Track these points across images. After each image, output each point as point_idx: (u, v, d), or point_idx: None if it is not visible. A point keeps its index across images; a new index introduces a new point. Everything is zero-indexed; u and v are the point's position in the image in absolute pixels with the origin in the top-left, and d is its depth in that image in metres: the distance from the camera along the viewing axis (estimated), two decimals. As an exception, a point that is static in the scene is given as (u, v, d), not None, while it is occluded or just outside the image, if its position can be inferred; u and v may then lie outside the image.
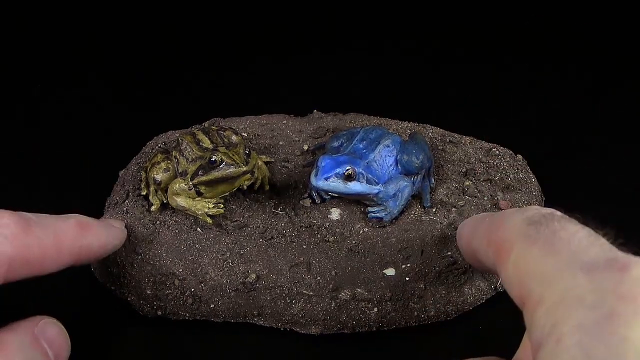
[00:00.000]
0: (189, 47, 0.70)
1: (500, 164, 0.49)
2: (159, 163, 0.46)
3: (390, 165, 0.45)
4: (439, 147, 0.50)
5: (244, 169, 0.42)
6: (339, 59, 0.68)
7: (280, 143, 0.51)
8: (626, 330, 0.23)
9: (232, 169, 0.42)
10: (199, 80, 0.66)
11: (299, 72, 0.66)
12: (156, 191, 0.45)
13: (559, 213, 0.30)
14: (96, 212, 0.47)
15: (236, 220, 0.45)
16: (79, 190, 0.52)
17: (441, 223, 0.44)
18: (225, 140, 0.45)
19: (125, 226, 0.43)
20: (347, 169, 0.42)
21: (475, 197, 0.46)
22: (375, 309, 0.42)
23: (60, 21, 0.73)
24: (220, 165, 0.42)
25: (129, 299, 0.44)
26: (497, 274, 0.31)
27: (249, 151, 0.43)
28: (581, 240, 0.27)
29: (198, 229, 0.44)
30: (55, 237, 0.36)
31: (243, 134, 0.51)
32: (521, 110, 0.61)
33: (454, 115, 0.58)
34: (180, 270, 0.43)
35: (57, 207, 0.40)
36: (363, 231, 0.44)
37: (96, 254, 0.39)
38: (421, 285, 0.42)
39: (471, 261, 0.37)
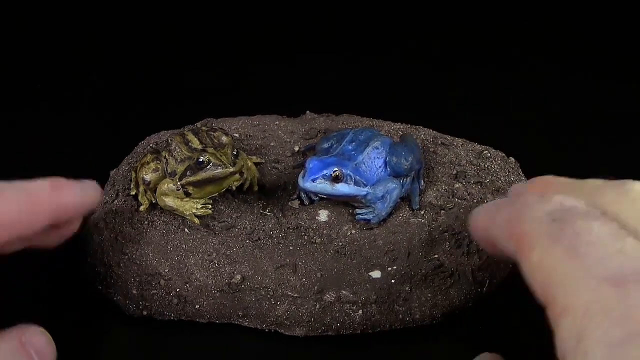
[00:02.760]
0: (183, 48, 0.70)
1: (491, 167, 0.49)
2: (148, 163, 0.46)
3: (379, 167, 0.45)
4: (431, 149, 0.50)
5: (231, 169, 0.42)
6: (333, 60, 0.68)
7: (272, 144, 0.51)
8: None
9: (219, 170, 0.42)
10: (193, 80, 0.66)
11: (292, 73, 0.66)
12: (145, 191, 0.46)
13: (581, 206, 0.29)
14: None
15: (224, 221, 0.45)
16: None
17: (429, 225, 0.44)
18: (215, 141, 0.45)
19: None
20: (335, 171, 0.42)
21: (465, 199, 0.46)
22: (360, 312, 0.42)
23: (58, 20, 0.73)
24: (207, 166, 0.42)
25: (115, 298, 0.44)
26: (518, 264, 0.31)
27: (237, 152, 0.43)
28: (606, 245, 0.26)
29: (186, 230, 0.44)
30: (29, 195, 0.36)
31: (235, 134, 0.51)
32: (515, 112, 0.61)
33: (447, 117, 0.57)
34: (166, 271, 0.43)
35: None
36: (350, 233, 0.44)
37: (74, 209, 0.39)
38: (407, 288, 0.42)
39: (488, 249, 0.35)
